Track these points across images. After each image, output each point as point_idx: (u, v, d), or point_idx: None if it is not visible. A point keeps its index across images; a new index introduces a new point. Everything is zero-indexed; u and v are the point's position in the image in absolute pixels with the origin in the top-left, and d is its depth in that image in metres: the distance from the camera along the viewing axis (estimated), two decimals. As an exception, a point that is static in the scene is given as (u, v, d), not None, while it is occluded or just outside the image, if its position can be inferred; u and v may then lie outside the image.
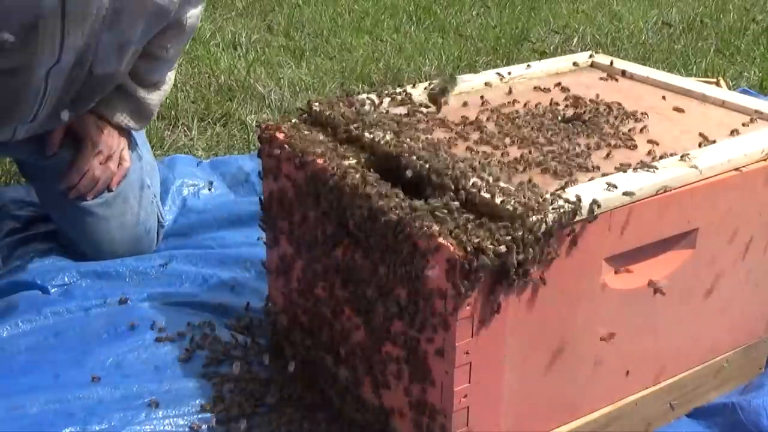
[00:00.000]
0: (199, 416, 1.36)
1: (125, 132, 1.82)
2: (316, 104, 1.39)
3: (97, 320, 1.57)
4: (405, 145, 1.23)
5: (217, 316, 1.60)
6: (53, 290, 1.69)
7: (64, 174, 1.75)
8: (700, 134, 1.32)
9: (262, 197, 1.42)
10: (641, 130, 1.35)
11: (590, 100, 1.46)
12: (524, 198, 1.09)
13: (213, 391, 1.41)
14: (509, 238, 1.04)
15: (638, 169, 1.20)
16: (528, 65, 1.63)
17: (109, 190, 1.78)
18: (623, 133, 1.34)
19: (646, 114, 1.42)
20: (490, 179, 1.14)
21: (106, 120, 1.77)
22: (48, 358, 1.48)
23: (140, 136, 1.93)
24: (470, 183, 1.12)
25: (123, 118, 1.78)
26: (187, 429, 1.34)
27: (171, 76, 1.84)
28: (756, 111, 1.42)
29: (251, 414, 1.37)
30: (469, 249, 1.02)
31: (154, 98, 1.80)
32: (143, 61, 1.71)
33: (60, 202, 1.79)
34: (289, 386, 1.40)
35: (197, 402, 1.38)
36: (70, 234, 1.81)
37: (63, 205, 1.79)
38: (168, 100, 2.66)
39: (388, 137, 1.27)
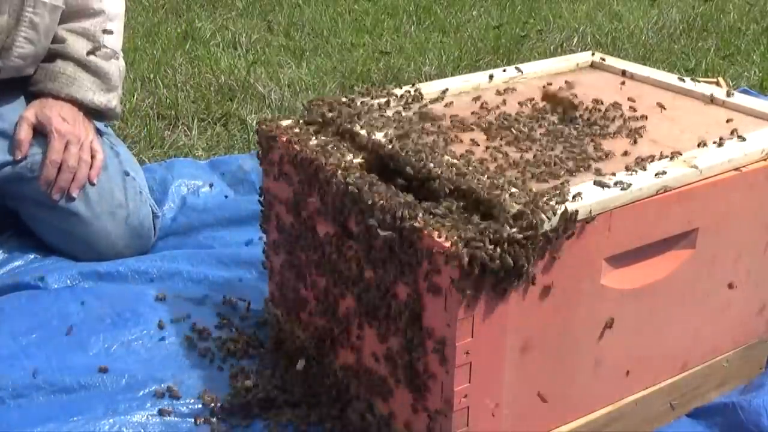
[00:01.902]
0: (203, 407, 1.37)
1: (90, 124, 1.82)
2: (316, 103, 1.39)
3: (101, 315, 1.58)
4: (405, 144, 1.23)
5: (218, 316, 1.61)
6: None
7: (41, 173, 1.74)
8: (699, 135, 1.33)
9: (262, 197, 1.42)
10: (641, 130, 1.35)
11: (591, 100, 1.46)
12: (524, 198, 1.09)
13: (215, 385, 1.41)
14: (509, 238, 1.04)
15: (638, 169, 1.20)
16: (528, 65, 1.63)
17: (91, 183, 1.78)
18: (623, 133, 1.34)
19: (645, 114, 1.42)
20: (490, 180, 1.14)
21: (73, 101, 1.77)
22: (53, 346, 1.49)
23: (114, 136, 1.95)
24: (469, 183, 1.12)
25: (89, 94, 1.79)
26: (190, 420, 1.36)
27: (121, 61, 1.86)
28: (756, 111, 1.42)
29: (252, 410, 1.37)
30: (469, 249, 1.02)
31: (112, 69, 1.81)
32: None
33: (44, 214, 1.78)
34: (290, 384, 1.41)
35: (201, 395, 1.39)
36: (65, 244, 1.80)
37: (48, 216, 1.78)
38: (168, 100, 2.66)
39: (387, 137, 1.27)
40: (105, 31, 1.80)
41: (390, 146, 1.24)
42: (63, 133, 1.74)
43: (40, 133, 1.76)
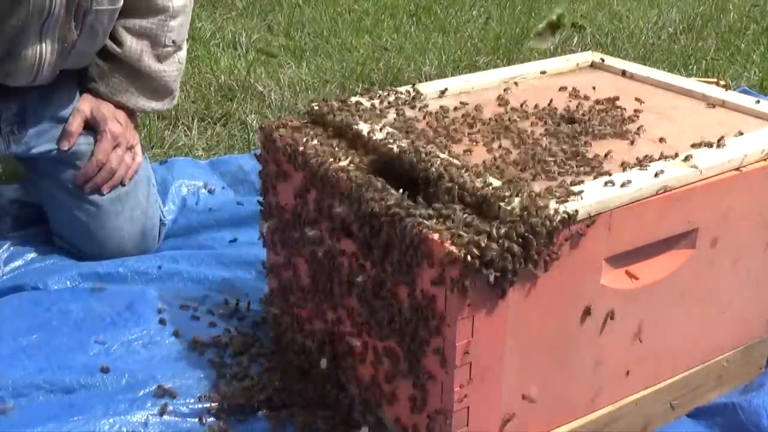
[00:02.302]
0: (203, 407, 1.38)
1: (138, 127, 1.84)
2: (317, 104, 1.39)
3: (101, 315, 1.58)
4: (405, 145, 1.23)
5: (218, 316, 1.61)
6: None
7: (82, 166, 1.76)
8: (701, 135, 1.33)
9: (262, 197, 1.42)
10: (641, 130, 1.35)
11: (590, 100, 1.46)
12: (524, 198, 1.09)
13: (215, 385, 1.42)
14: (509, 238, 1.04)
15: (638, 169, 1.20)
16: (528, 65, 1.63)
17: (122, 184, 1.79)
18: (623, 133, 1.34)
19: (645, 114, 1.41)
20: (490, 180, 1.14)
21: (125, 107, 1.78)
22: (53, 346, 1.49)
23: None
24: (470, 183, 1.13)
25: (141, 101, 1.79)
26: (190, 420, 1.36)
27: (183, 50, 1.84)
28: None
29: (252, 410, 1.38)
30: (469, 249, 1.02)
31: (169, 70, 1.80)
32: None
33: (67, 199, 1.79)
34: (290, 384, 1.41)
35: (201, 395, 1.39)
36: (73, 234, 1.81)
37: (70, 203, 1.79)
38: (168, 100, 2.66)
39: (387, 137, 1.27)
40: (167, 29, 1.76)
41: (390, 146, 1.24)
42: (116, 135, 1.77)
43: (90, 127, 1.77)
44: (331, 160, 1.23)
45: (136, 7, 1.73)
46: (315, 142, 1.29)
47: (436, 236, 1.05)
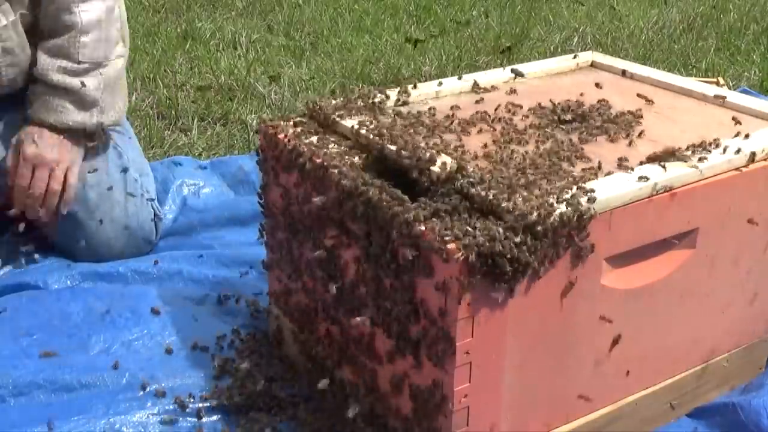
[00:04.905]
0: (203, 407, 1.38)
1: (73, 149, 1.76)
2: (315, 103, 1.39)
3: (101, 316, 1.58)
4: (405, 144, 1.23)
5: (218, 316, 1.61)
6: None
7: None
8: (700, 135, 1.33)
9: (262, 198, 1.42)
10: (641, 131, 1.35)
11: (590, 100, 1.46)
12: (525, 198, 1.09)
13: (216, 385, 1.42)
14: (510, 238, 1.04)
15: (638, 169, 1.20)
16: (528, 65, 1.63)
17: (61, 214, 1.74)
18: (623, 133, 1.34)
19: (645, 114, 1.41)
20: (491, 179, 1.14)
21: (50, 125, 1.73)
22: (54, 344, 1.49)
23: (127, 141, 1.92)
24: (471, 183, 1.13)
25: (61, 116, 1.73)
26: (190, 419, 1.36)
27: (108, 65, 1.78)
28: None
29: (252, 409, 1.38)
30: (469, 248, 1.02)
31: (87, 83, 1.74)
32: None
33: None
34: (290, 383, 1.41)
35: (201, 395, 1.40)
36: (61, 242, 1.81)
37: (53, 218, 1.77)
38: (168, 100, 2.66)
39: (388, 136, 1.27)
40: (80, 45, 1.73)
41: (390, 146, 1.24)
42: (27, 157, 1.71)
43: None
44: (330, 159, 1.23)
45: (50, 27, 1.73)
46: (314, 141, 1.29)
47: (436, 236, 1.05)
